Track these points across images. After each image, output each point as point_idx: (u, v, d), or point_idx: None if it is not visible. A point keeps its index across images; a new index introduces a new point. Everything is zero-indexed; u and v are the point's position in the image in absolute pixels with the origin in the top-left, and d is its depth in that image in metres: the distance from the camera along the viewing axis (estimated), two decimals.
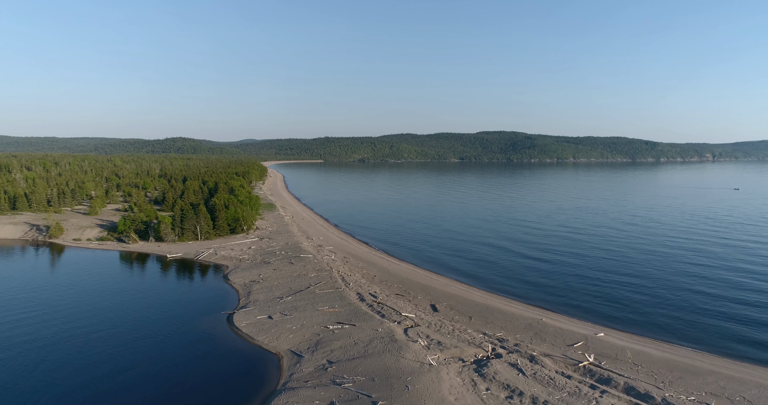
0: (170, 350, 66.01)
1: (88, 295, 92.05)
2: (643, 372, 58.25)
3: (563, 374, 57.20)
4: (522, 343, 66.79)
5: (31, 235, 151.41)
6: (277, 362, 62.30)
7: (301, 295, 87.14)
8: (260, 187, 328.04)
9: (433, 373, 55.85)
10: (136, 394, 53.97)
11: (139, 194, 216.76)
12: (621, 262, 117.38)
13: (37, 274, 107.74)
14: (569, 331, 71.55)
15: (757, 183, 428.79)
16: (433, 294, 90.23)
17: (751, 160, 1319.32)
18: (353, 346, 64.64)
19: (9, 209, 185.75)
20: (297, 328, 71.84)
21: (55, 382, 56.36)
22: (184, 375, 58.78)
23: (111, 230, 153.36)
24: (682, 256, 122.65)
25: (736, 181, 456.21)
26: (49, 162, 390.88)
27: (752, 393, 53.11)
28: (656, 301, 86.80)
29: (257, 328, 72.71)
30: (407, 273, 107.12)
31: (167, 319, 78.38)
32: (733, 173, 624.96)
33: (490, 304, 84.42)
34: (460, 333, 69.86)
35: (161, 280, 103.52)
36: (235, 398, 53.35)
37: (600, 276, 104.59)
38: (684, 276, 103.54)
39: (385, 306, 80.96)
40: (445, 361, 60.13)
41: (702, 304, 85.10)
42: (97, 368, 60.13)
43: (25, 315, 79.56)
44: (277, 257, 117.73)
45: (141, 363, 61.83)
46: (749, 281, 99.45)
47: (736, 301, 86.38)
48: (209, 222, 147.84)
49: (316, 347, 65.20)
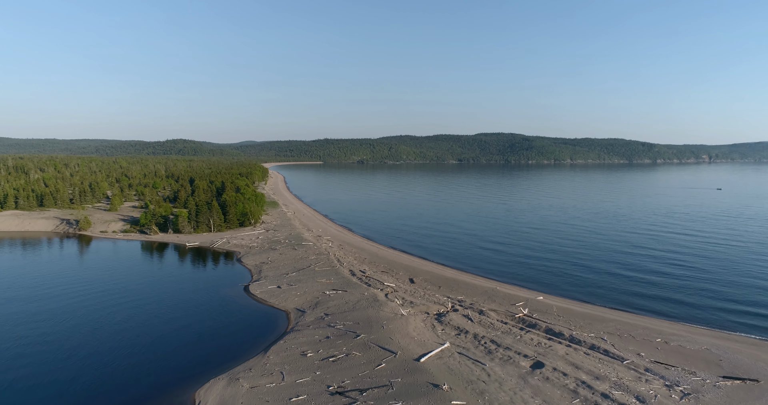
0: (205, 310, 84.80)
1: (129, 275, 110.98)
2: (563, 320, 77.10)
3: (502, 321, 76.04)
4: (476, 302, 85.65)
5: (62, 228, 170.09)
6: (286, 316, 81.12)
7: (303, 272, 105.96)
8: (262, 187, 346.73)
9: (403, 320, 74.68)
10: (189, 335, 72.82)
11: (153, 193, 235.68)
12: (565, 247, 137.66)
13: (83, 258, 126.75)
14: (515, 295, 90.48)
15: (742, 183, 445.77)
16: (413, 271, 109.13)
17: (747, 162, 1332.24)
18: (344, 304, 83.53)
19: (37, 206, 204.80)
20: (300, 294, 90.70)
21: (130, 326, 75.22)
22: (219, 325, 77.53)
23: (133, 224, 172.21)
24: (613, 243, 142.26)
25: (722, 181, 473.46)
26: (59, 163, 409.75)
27: (637, 332, 71.97)
28: (586, 274, 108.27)
29: (269, 294, 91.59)
30: (393, 256, 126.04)
31: (197, 290, 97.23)
32: (723, 174, 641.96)
33: (457, 278, 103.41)
34: (429, 296, 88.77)
35: (185, 263, 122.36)
36: (258, 337, 72.06)
37: (547, 256, 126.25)
38: (608, 256, 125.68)
39: (371, 279, 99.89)
40: (413, 313, 79.01)
41: (617, 275, 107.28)
42: (156, 321, 79.02)
43: (88, 289, 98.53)
44: (282, 245, 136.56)
45: (186, 318, 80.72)
46: (654, 259, 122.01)
47: (640, 272, 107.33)
48: (221, 216, 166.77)
49: (315, 306, 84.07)
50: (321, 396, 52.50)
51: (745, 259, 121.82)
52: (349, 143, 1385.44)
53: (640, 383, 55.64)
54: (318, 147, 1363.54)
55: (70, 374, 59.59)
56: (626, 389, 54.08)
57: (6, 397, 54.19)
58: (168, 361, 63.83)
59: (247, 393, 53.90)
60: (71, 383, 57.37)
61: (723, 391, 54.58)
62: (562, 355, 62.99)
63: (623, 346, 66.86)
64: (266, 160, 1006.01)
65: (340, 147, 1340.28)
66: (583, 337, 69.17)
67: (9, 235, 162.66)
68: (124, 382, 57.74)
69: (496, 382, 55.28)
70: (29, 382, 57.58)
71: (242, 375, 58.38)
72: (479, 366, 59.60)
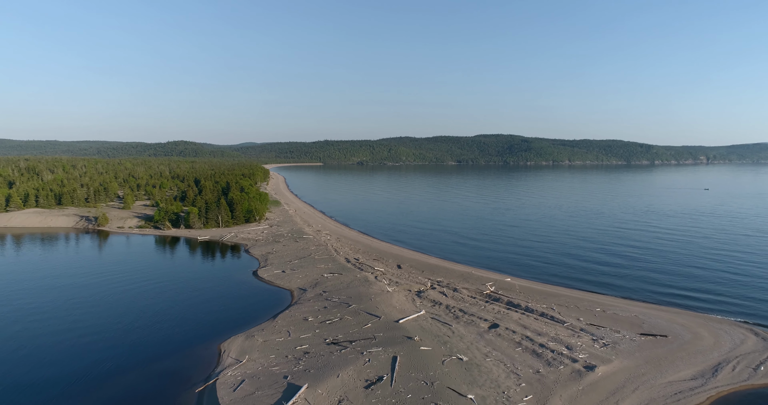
0: (222, 289, 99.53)
1: (151, 263, 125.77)
2: (522, 296, 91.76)
3: (471, 297, 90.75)
4: (452, 283, 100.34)
5: (82, 224, 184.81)
6: (290, 294, 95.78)
7: (304, 260, 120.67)
8: (264, 187, 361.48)
9: (388, 294, 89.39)
10: (211, 307, 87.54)
11: (162, 193, 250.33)
12: (535, 240, 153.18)
13: (109, 251, 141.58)
14: (487, 278, 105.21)
15: (730, 184, 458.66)
16: (401, 259, 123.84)
17: (745, 163, 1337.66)
18: (339, 284, 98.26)
19: (55, 205, 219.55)
20: (302, 277, 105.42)
21: (161, 300, 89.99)
22: (235, 300, 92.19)
23: (147, 220, 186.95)
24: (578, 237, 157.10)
25: (711, 182, 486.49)
26: (67, 165, 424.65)
27: (582, 304, 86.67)
28: (550, 262, 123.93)
29: (275, 277, 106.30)
30: (385, 248, 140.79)
31: (213, 275, 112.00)
32: (716, 175, 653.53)
33: (439, 264, 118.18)
34: (412, 278, 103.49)
35: (199, 254, 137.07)
36: (267, 309, 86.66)
37: (519, 248, 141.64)
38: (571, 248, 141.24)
39: (364, 264, 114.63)
40: (398, 290, 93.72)
41: (575, 262, 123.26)
42: (182, 297, 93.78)
43: (120, 276, 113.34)
44: (285, 238, 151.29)
45: (207, 295, 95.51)
46: (609, 250, 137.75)
47: (595, 260, 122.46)
48: (228, 213, 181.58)
49: (315, 285, 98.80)
50: (319, 345, 67.17)
51: (684, 250, 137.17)
52: (349, 145, 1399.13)
53: (573, 338, 70.30)
54: (318, 148, 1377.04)
55: (122, 331, 74.37)
56: (560, 341, 68.75)
57: (90, 338, 68.85)
58: (197, 324, 78.64)
59: (261, 344, 68.57)
60: (125, 337, 72.29)
61: (636, 343, 69.23)
62: (516, 320, 77.66)
63: (568, 313, 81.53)
64: (266, 162, 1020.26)
65: (339, 148, 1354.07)
66: (536, 307, 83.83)
67: (34, 230, 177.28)
68: (166, 338, 72.55)
69: (458, 337, 69.96)
70: (96, 332, 72.36)
71: (256, 333, 73.08)
72: (447, 326, 74.29)
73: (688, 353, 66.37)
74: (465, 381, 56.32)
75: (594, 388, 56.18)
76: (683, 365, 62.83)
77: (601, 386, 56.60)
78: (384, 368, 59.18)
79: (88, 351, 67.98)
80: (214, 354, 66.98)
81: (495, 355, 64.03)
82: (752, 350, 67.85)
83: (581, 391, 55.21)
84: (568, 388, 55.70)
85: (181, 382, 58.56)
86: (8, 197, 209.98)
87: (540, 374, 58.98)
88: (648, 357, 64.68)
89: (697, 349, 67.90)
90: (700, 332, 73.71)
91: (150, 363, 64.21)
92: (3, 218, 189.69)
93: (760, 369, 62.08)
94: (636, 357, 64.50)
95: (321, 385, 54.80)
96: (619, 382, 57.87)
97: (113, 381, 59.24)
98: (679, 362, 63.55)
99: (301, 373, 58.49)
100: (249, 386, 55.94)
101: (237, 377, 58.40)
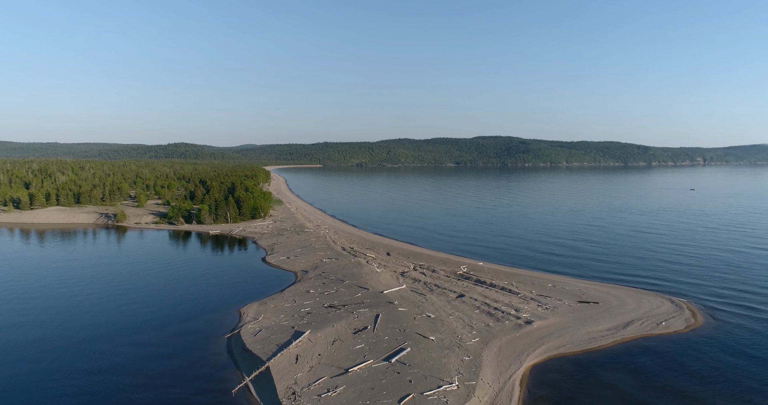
0: (237, 272, 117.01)
1: (170, 253, 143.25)
2: (489, 275, 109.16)
3: (446, 276, 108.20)
4: (432, 266, 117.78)
5: (102, 221, 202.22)
6: (294, 274, 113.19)
7: (305, 249, 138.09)
8: (266, 188, 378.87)
9: (377, 274, 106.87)
10: (229, 284, 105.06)
11: (171, 193, 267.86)
12: (510, 233, 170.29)
13: (131, 243, 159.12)
14: (462, 262, 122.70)
15: (718, 185, 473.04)
16: (390, 248, 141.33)
17: (742, 164, 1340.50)
18: (336, 266, 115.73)
19: (74, 203, 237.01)
20: (304, 262, 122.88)
21: (186, 280, 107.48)
22: (248, 279, 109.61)
23: (161, 216, 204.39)
24: (548, 231, 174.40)
25: (699, 183, 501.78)
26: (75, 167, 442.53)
27: (538, 281, 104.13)
28: (518, 250, 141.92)
29: (281, 262, 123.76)
30: (377, 239, 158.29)
31: (227, 261, 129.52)
32: (708, 176, 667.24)
33: (423, 252, 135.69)
34: (399, 262, 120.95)
35: (212, 245, 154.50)
36: (276, 285, 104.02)
37: (494, 238, 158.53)
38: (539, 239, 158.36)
39: (358, 252, 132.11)
40: (385, 271, 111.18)
41: (538, 250, 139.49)
42: (204, 277, 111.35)
43: (146, 263, 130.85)
44: (288, 231, 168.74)
45: (225, 276, 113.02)
46: (571, 240, 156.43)
47: (556, 248, 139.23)
48: (236, 210, 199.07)
49: (315, 268, 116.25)
50: (319, 308, 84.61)
51: (634, 241, 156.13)
52: (348, 146, 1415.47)
53: (522, 304, 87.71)
54: (317, 150, 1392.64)
55: (163, 299, 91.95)
56: (511, 306, 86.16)
57: (140, 304, 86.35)
58: (220, 295, 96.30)
59: (273, 308, 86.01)
60: (166, 303, 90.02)
61: (572, 307, 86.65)
62: (480, 292, 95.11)
63: (524, 288, 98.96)
64: (266, 163, 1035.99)
65: (339, 150, 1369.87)
66: (499, 283, 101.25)
67: (58, 226, 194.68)
68: (197, 305, 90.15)
69: (430, 303, 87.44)
70: (143, 301, 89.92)
71: (268, 301, 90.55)
72: (422, 296, 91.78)
73: (611, 314, 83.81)
74: (430, 329, 73.74)
75: (528, 335, 73.63)
76: (603, 321, 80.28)
77: (533, 334, 74.04)
78: (368, 321, 76.61)
79: (141, 312, 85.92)
80: (236, 315, 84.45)
81: (457, 315, 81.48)
82: (663, 312, 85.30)
83: (517, 337, 72.66)
84: (507, 335, 73.15)
85: (213, 332, 76.17)
86: (31, 196, 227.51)
87: (489, 326, 76.42)
88: (578, 316, 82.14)
89: (620, 311, 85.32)
90: (627, 300, 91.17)
91: (188, 320, 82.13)
92: (30, 215, 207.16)
93: (662, 324, 79.54)
94: (568, 316, 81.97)
95: (320, 332, 72.21)
96: (549, 331, 75.31)
97: (164, 330, 77.04)
98: (600, 320, 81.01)
99: (304, 325, 75.89)
100: (265, 333, 73.40)
101: (255, 328, 75.85)
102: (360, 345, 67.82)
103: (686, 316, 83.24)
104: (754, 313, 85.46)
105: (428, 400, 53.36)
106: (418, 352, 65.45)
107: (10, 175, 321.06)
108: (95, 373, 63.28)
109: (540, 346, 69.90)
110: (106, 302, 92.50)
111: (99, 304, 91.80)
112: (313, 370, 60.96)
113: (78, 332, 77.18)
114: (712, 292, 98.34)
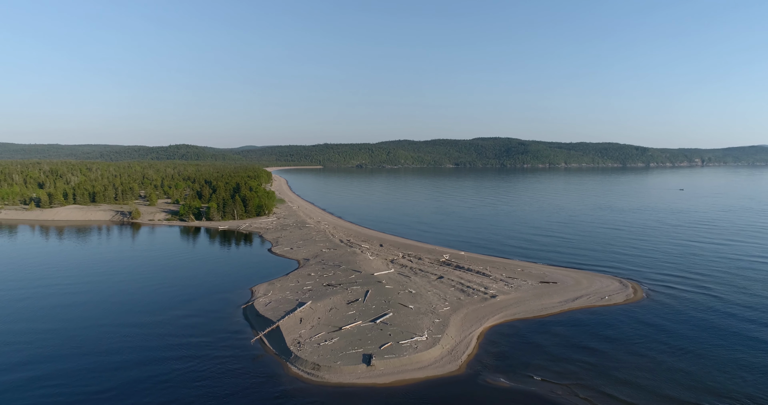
0: (247, 260, 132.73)
1: (183, 246, 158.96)
2: (468, 262, 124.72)
3: (430, 262, 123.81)
4: (418, 254, 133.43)
5: (118, 218, 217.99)
6: (297, 262, 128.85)
7: (307, 241, 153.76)
8: (269, 188, 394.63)
9: (370, 261, 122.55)
10: (240, 269, 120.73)
11: (179, 192, 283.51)
12: (492, 228, 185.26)
13: (147, 238, 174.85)
14: (447, 251, 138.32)
15: (708, 185, 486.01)
16: (383, 241, 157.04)
17: (740, 165, 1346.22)
18: (334, 255, 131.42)
19: (90, 202, 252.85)
20: (306, 252, 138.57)
21: (203, 268, 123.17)
22: (258, 265, 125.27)
23: (172, 214, 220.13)
24: (527, 227, 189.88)
25: (691, 183, 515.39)
26: (83, 168, 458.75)
27: (509, 267, 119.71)
28: (496, 242, 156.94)
29: (285, 252, 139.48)
30: (372, 233, 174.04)
31: (237, 252, 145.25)
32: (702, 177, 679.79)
33: (413, 244, 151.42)
34: (390, 252, 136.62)
35: (221, 239, 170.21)
36: (281, 270, 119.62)
37: (477, 233, 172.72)
38: (517, 233, 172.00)
39: (353, 243, 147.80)
40: (377, 259, 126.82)
41: (514, 241, 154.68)
42: (218, 264, 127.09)
43: (167, 253, 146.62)
44: (291, 227, 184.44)
45: (236, 263, 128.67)
46: (545, 234, 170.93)
47: (529, 240, 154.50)
48: (242, 208, 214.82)
49: (315, 256, 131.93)
50: (318, 286, 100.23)
51: (603, 234, 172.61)
52: (348, 148, 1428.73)
53: (492, 283, 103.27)
54: (318, 152, 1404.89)
55: (186, 280, 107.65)
56: (482, 285, 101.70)
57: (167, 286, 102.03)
58: (234, 278, 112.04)
59: (279, 287, 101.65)
60: (189, 283, 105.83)
61: (534, 286, 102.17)
62: (457, 275, 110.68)
63: (496, 272, 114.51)
64: (267, 165, 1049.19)
65: (339, 152, 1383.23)
66: (475, 268, 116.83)
67: (77, 223, 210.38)
68: (215, 285, 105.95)
69: (413, 282, 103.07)
70: (168, 283, 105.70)
71: (275, 281, 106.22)
72: (407, 277, 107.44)
73: (566, 291, 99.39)
74: (410, 301, 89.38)
75: (491, 305, 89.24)
76: (557, 296, 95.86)
77: (496, 305, 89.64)
78: (360, 295, 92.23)
79: (170, 291, 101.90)
80: (248, 293, 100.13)
81: (434, 292, 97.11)
82: (610, 290, 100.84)
83: (482, 307, 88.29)
84: (474, 305, 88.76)
85: (231, 304, 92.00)
86: (50, 195, 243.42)
87: (460, 300, 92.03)
88: (536, 292, 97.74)
89: (574, 289, 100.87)
90: (582, 281, 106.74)
91: (209, 295, 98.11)
92: (50, 213, 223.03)
93: (605, 298, 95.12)
94: (528, 292, 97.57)
95: (319, 302, 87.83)
96: (510, 303, 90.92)
97: (191, 304, 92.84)
98: (555, 295, 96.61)
99: (306, 298, 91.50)
100: (274, 304, 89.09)
101: (266, 301, 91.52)
102: (352, 312, 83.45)
103: (627, 293, 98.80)
104: (683, 294, 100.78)
105: (402, 346, 68.97)
106: (398, 316, 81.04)
107: (25, 176, 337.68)
108: (145, 326, 79.28)
109: (499, 313, 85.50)
110: (141, 285, 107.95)
111: (135, 285, 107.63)
112: (314, 328, 76.60)
113: (124, 305, 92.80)
114: (656, 276, 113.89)
